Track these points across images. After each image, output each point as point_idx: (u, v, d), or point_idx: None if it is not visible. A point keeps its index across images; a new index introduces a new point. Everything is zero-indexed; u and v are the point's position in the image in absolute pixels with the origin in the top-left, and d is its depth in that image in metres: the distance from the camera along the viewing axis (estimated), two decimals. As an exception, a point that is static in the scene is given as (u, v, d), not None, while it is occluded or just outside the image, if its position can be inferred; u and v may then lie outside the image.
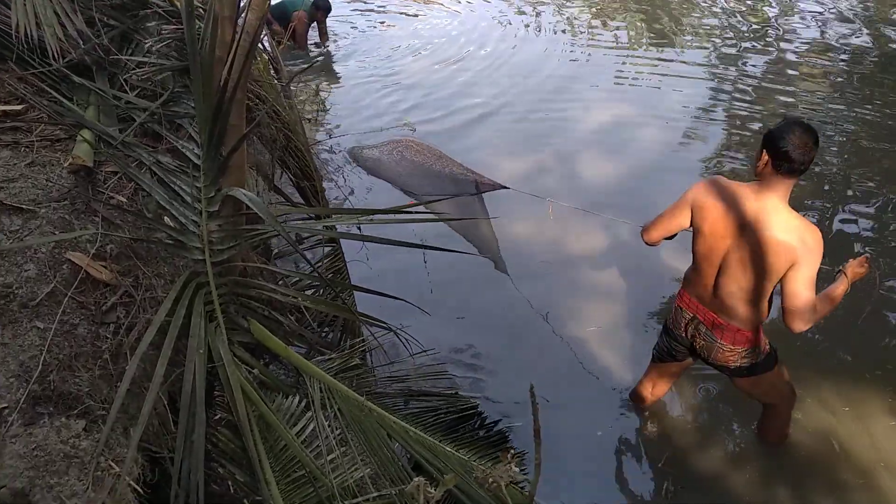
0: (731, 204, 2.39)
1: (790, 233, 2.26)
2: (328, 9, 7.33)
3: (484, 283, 3.91)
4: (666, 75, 6.90)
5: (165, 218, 2.13)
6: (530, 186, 4.78)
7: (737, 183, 2.44)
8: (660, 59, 7.33)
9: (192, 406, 1.89)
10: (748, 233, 2.35)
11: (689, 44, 7.75)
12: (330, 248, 3.04)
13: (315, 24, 7.51)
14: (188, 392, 1.89)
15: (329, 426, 2.33)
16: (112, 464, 1.62)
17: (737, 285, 2.44)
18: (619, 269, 4.03)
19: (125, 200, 2.08)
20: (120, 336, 1.84)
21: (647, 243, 2.68)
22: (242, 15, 1.95)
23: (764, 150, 2.28)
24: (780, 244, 2.26)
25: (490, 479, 1.08)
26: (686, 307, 2.66)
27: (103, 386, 1.75)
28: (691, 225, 2.52)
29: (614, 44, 7.77)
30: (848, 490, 2.81)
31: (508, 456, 1.09)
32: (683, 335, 2.68)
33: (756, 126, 5.92)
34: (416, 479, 1.15)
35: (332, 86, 6.92)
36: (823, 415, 3.11)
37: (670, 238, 2.64)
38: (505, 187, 4.43)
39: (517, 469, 1.06)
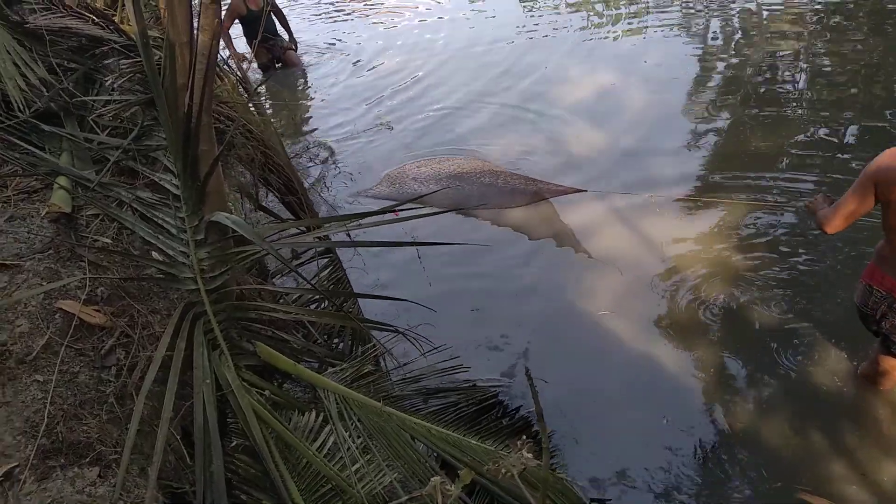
0: None
1: None
2: None
3: (492, 275, 3.87)
4: (639, 38, 6.85)
5: (153, 253, 2.11)
6: (526, 170, 4.74)
7: None
8: (633, 22, 7.28)
9: (206, 437, 1.87)
10: None
11: (660, 6, 7.68)
12: (327, 259, 3.01)
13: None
14: (200, 423, 1.87)
15: (350, 436, 2.30)
16: (132, 506, 1.61)
17: None
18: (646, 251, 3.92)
19: (110, 241, 2.06)
20: (123, 377, 1.82)
21: (828, 233, 2.51)
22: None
23: None
24: None
25: (503, 470, 1.05)
26: (879, 285, 2.50)
27: (113, 430, 1.73)
28: (877, 202, 2.37)
29: (583, 16, 7.70)
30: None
31: (519, 443, 1.06)
32: (872, 315, 2.56)
33: (742, 73, 5.86)
34: (433, 479, 1.12)
35: (309, 94, 6.91)
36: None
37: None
38: (580, 190, 4.22)
39: (530, 455, 1.03)
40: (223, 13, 6.96)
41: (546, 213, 4.29)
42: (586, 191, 4.17)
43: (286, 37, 7.48)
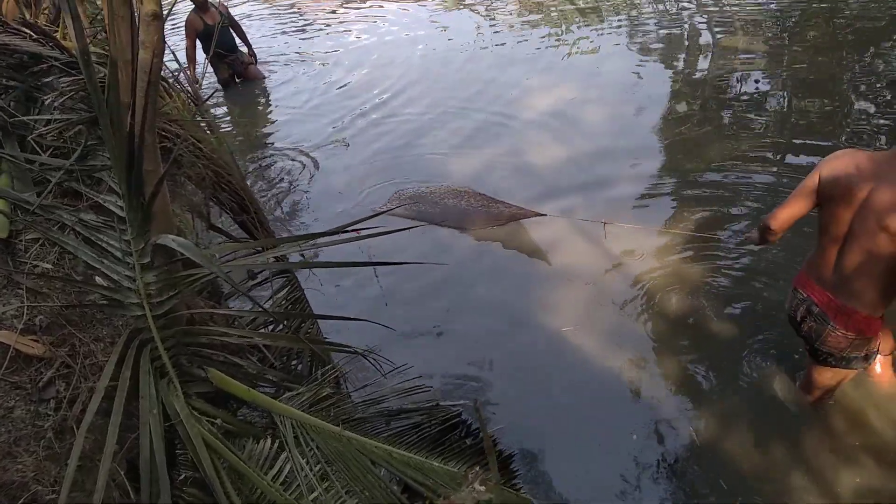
0: (860, 167, 2.25)
1: None
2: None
3: (450, 291, 3.84)
4: (596, 52, 6.94)
5: (97, 278, 2.02)
6: (486, 186, 4.74)
7: (869, 151, 2.32)
8: (589, 36, 7.37)
9: (152, 470, 1.79)
10: (878, 195, 2.20)
11: (614, 19, 7.81)
12: (284, 279, 2.94)
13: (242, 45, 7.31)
14: (147, 456, 1.79)
15: (307, 463, 2.23)
16: (70, 549, 1.52)
17: (861, 259, 2.30)
18: (596, 270, 3.92)
19: (51, 267, 1.97)
20: (63, 411, 1.73)
21: (772, 231, 2.54)
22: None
23: None
24: None
25: None
26: (802, 288, 2.56)
27: (51, 467, 1.64)
28: (818, 202, 2.39)
29: (542, 30, 7.79)
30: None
31: (471, 476, 1.02)
32: (794, 316, 2.61)
33: (697, 87, 5.97)
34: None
35: (267, 110, 6.83)
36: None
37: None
38: (540, 214, 4.23)
39: (482, 488, 1.00)
40: (184, 30, 6.90)
41: (508, 230, 4.29)
42: (546, 215, 4.20)
43: (246, 51, 7.39)
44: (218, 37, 6.85)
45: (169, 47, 2.21)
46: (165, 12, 1.92)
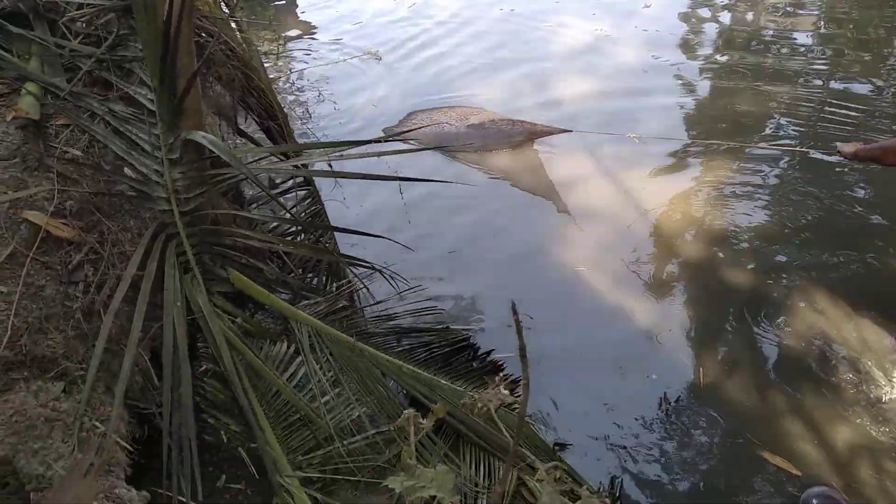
0: None
1: None
2: None
3: (469, 218, 3.83)
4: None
5: (126, 169, 2.03)
6: (512, 111, 4.68)
7: None
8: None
9: (175, 360, 1.84)
10: None
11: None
12: (305, 192, 2.94)
13: None
14: (169, 346, 1.84)
15: (321, 369, 2.30)
16: (97, 423, 1.58)
17: None
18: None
19: (80, 154, 1.97)
20: (91, 294, 1.77)
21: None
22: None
23: None
24: None
25: (480, 404, 1.04)
26: None
27: (79, 346, 1.69)
28: None
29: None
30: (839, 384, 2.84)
31: (496, 379, 1.05)
32: None
33: (737, 35, 5.78)
34: (406, 411, 1.11)
35: (299, 18, 6.71)
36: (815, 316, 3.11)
37: None
38: (566, 130, 4.13)
39: (507, 392, 1.03)
40: None
41: (530, 160, 4.24)
42: (571, 131, 4.10)
43: None
44: None
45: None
46: None
